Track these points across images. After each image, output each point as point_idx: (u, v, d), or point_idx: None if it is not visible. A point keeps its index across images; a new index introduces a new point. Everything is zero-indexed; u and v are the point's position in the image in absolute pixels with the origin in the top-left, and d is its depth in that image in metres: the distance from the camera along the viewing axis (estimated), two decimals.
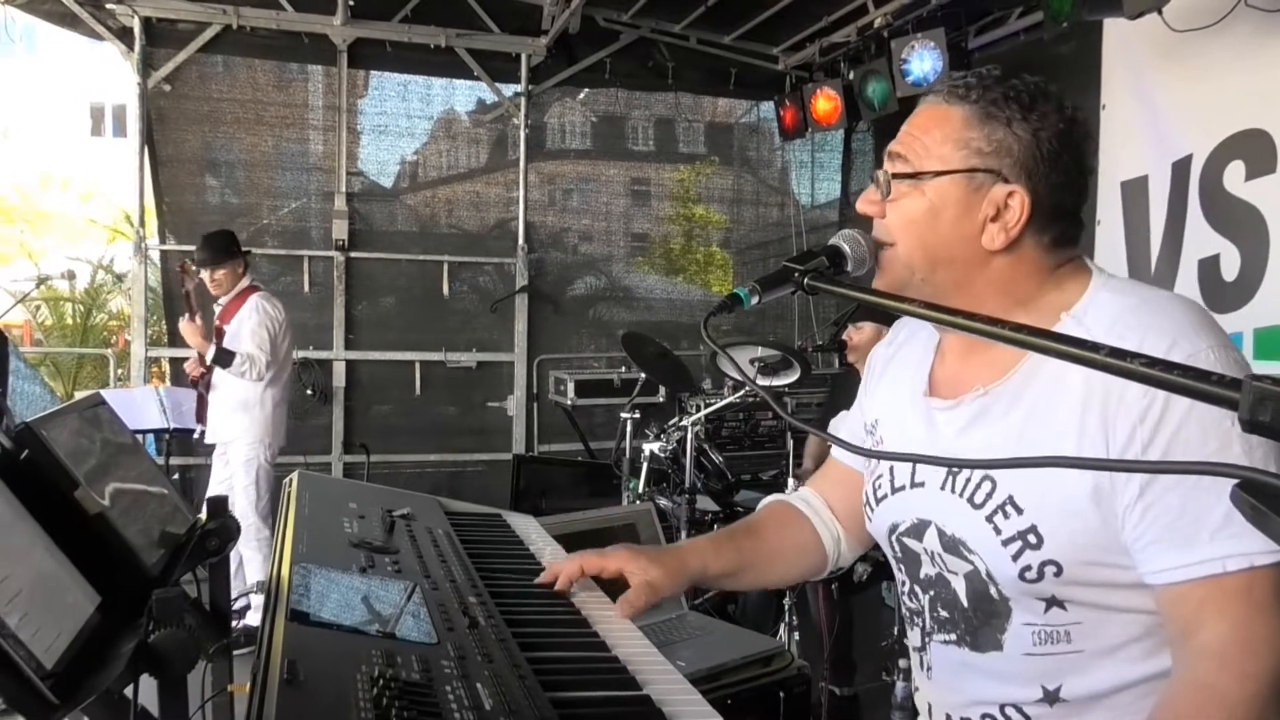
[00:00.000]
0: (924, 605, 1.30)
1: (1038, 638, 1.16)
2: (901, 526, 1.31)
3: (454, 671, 0.95)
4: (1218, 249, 3.80)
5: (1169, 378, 0.62)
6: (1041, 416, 1.14)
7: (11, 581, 0.81)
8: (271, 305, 4.88)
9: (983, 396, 1.21)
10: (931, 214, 1.18)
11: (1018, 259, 1.19)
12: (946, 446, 1.24)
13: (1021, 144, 1.15)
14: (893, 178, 1.20)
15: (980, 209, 1.16)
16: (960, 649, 1.24)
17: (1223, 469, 0.57)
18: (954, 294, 1.20)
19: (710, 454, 4.16)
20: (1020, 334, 0.79)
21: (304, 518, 1.35)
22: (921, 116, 1.22)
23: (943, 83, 1.23)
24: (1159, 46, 3.97)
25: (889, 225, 1.22)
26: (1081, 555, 1.11)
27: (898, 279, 1.22)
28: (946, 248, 1.19)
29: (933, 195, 1.18)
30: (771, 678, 2.37)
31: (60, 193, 20.54)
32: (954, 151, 1.17)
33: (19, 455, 0.97)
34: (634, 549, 1.43)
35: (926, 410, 1.29)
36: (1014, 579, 1.14)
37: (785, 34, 6.53)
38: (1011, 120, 1.15)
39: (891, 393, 1.40)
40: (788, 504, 1.60)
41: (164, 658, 0.84)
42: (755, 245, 7.70)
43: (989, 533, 1.16)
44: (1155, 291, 1.18)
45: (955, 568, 1.22)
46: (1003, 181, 1.15)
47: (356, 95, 6.45)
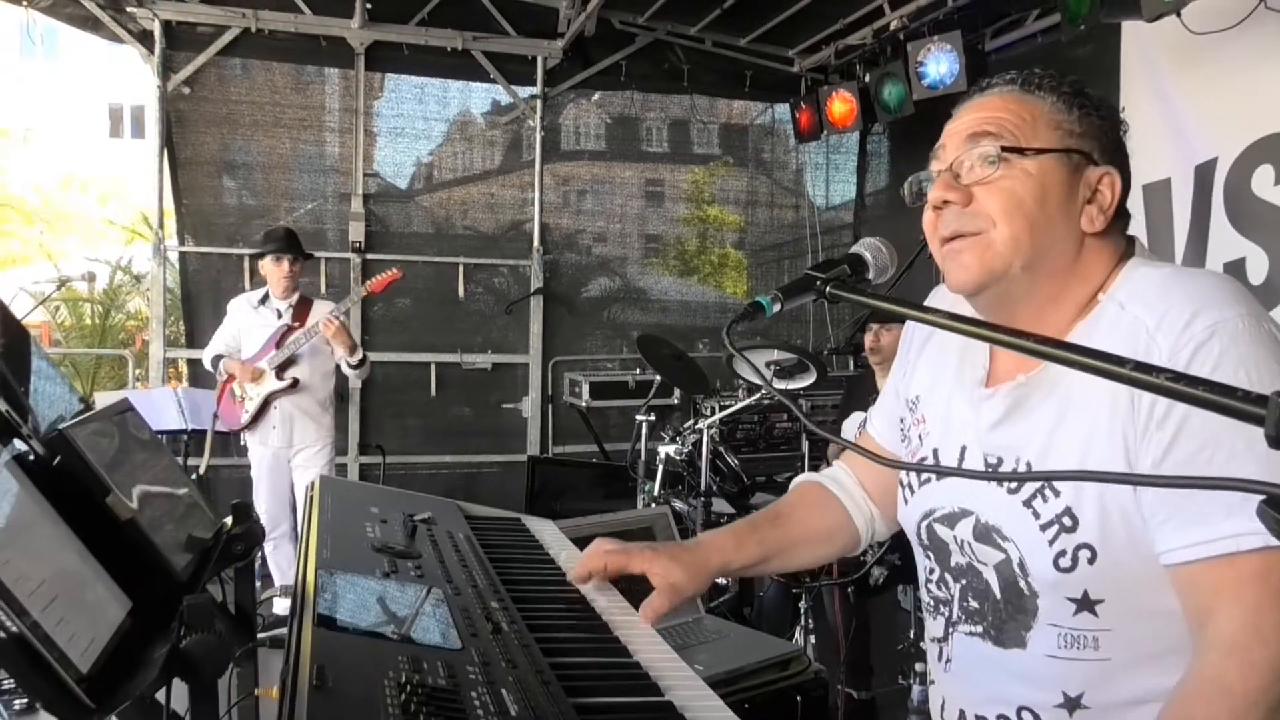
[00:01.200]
0: (954, 594, 1.28)
1: (1063, 641, 1.14)
2: (938, 512, 1.29)
3: (479, 677, 0.96)
4: (1244, 252, 3.78)
5: (1194, 392, 0.63)
6: (1079, 395, 1.12)
7: (47, 586, 0.82)
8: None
9: (1022, 386, 1.18)
10: (1041, 194, 1.14)
11: (1102, 243, 1.18)
12: (986, 437, 1.23)
13: (1105, 130, 1.18)
14: (1004, 151, 1.14)
15: (1079, 191, 1.16)
16: (984, 642, 1.22)
17: (1252, 485, 0.57)
18: (1046, 281, 1.17)
19: (725, 456, 4.16)
20: (1047, 347, 0.79)
21: (327, 522, 1.37)
22: (997, 103, 1.19)
23: (999, 78, 1.22)
24: (1178, 49, 3.95)
25: (985, 209, 1.15)
26: (1115, 537, 1.08)
27: (992, 269, 1.16)
28: (1053, 232, 1.15)
29: (1039, 174, 1.14)
30: (789, 681, 2.38)
31: (80, 194, 20.70)
32: (1051, 132, 1.16)
33: (51, 461, 0.99)
34: (655, 548, 1.42)
35: (979, 399, 1.26)
36: (1048, 568, 1.12)
37: (801, 36, 6.53)
38: (1090, 109, 1.17)
39: (936, 369, 1.37)
40: (819, 485, 1.58)
41: (196, 663, 0.85)
42: (770, 247, 7.70)
43: (1028, 518, 1.14)
44: (1189, 269, 1.17)
45: (985, 558, 1.21)
46: (1093, 165, 1.16)
47: (373, 97, 6.49)
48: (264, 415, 4.83)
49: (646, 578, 1.38)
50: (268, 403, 4.79)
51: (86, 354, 11.53)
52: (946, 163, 1.19)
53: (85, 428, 1.04)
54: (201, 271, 6.12)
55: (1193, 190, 4.02)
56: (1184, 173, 4.07)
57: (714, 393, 5.51)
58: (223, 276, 6.10)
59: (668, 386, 5.99)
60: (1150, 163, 4.30)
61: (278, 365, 4.75)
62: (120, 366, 9.94)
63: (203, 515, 1.26)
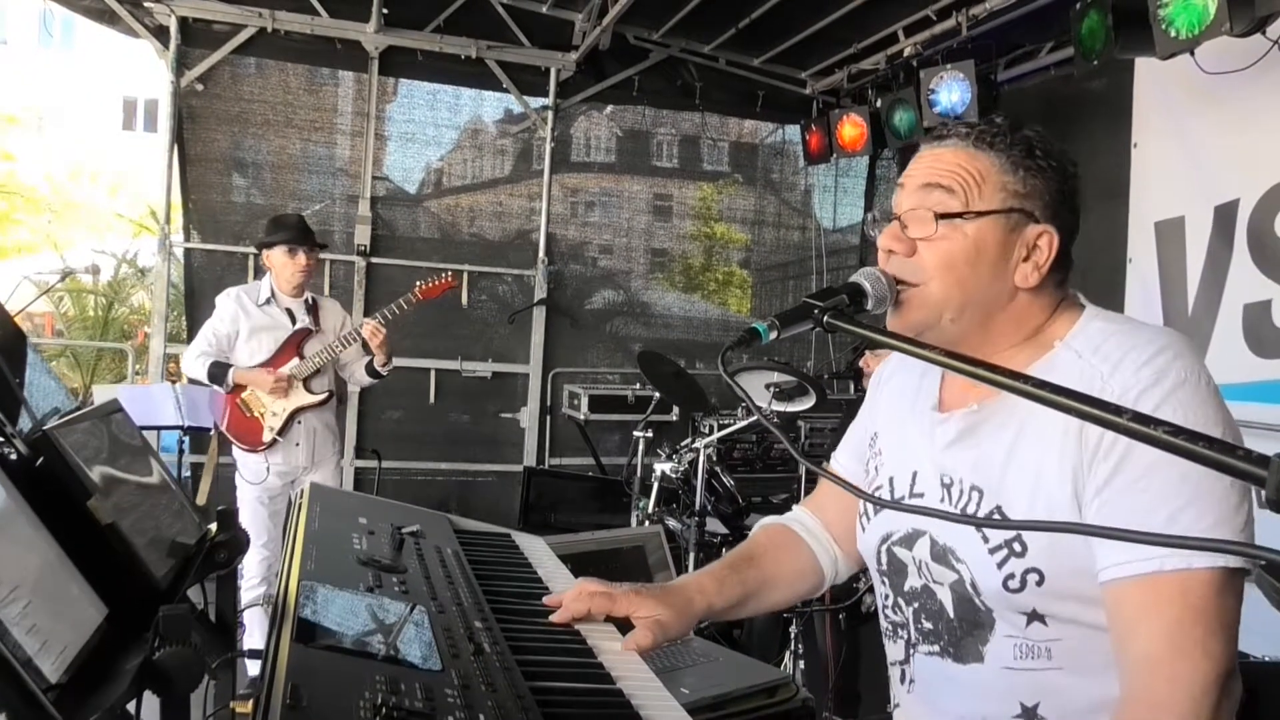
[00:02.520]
0: (908, 617, 1.32)
1: (1019, 651, 1.18)
2: (895, 535, 1.34)
3: (457, 701, 0.94)
4: (1269, 294, 3.77)
5: (1195, 449, 0.61)
6: (1032, 430, 1.18)
7: (21, 591, 0.81)
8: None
9: (975, 413, 1.25)
10: (975, 254, 1.21)
11: (1034, 295, 1.25)
12: (940, 459, 1.28)
13: (1049, 188, 1.23)
14: (940, 217, 1.21)
15: (1016, 250, 1.22)
16: (943, 660, 1.26)
17: (1245, 549, 0.56)
18: (975, 332, 1.25)
19: (721, 476, 4.14)
20: (1043, 390, 0.78)
21: (313, 532, 1.35)
22: (948, 156, 1.24)
23: (952, 129, 1.27)
24: (1191, 88, 3.95)
25: (923, 264, 1.23)
26: (1063, 563, 1.13)
27: (923, 320, 1.24)
28: (982, 288, 1.22)
29: (975, 235, 1.21)
30: (775, 708, 2.35)
31: (89, 184, 20.76)
32: (995, 193, 1.21)
33: (34, 462, 0.98)
34: (640, 589, 1.41)
35: (932, 424, 1.32)
36: (997, 588, 1.17)
37: (814, 59, 6.54)
38: (1034, 164, 1.22)
39: (894, 404, 1.44)
40: (783, 527, 1.61)
41: (169, 676, 0.84)
42: (775, 266, 7.70)
43: (977, 541, 1.20)
44: (1143, 325, 1.22)
45: (941, 577, 1.25)
46: (1034, 222, 1.22)
47: (385, 102, 6.50)
48: (287, 432, 4.26)
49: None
50: (293, 418, 4.24)
51: (88, 346, 11.53)
52: (900, 208, 1.26)
53: (71, 429, 1.03)
54: (206, 268, 6.12)
55: (1211, 230, 4.01)
56: (1200, 211, 4.06)
57: (713, 411, 5.50)
58: (227, 274, 6.08)
59: (667, 403, 5.98)
60: (1164, 200, 4.30)
61: (306, 376, 4.25)
62: (121, 360, 9.94)
63: (188, 521, 1.25)
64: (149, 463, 1.24)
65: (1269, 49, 3.53)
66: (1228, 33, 3.38)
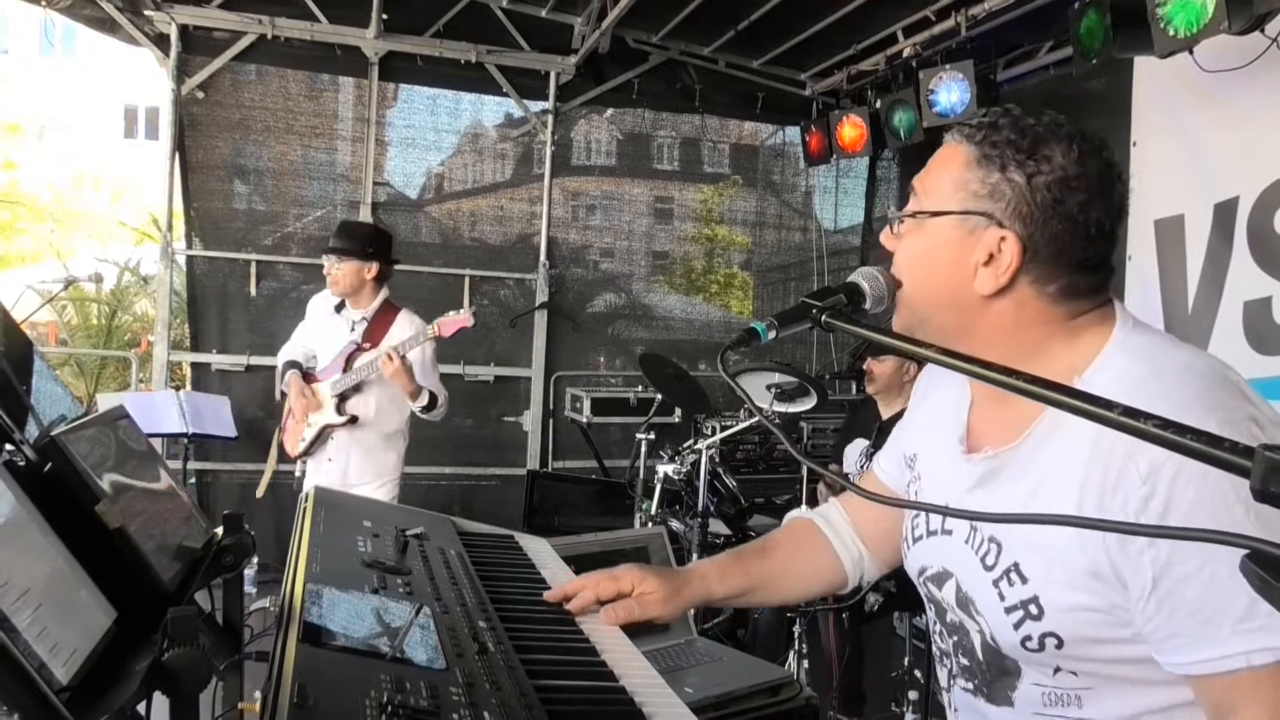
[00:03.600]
0: (950, 648, 1.29)
1: (1048, 699, 1.14)
2: (929, 571, 1.30)
3: (462, 699, 0.95)
4: (1269, 291, 3.77)
5: (1182, 441, 0.62)
6: (1048, 487, 1.10)
7: (31, 596, 0.82)
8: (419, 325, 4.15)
9: (992, 459, 1.18)
10: (928, 254, 1.18)
11: (1019, 307, 1.14)
12: (962, 501, 1.22)
13: (1015, 189, 1.10)
14: (899, 216, 1.22)
15: (974, 252, 1.13)
16: (977, 699, 1.24)
17: (1231, 538, 0.57)
18: (957, 339, 1.16)
19: (724, 477, 4.15)
20: (1035, 386, 0.79)
21: (318, 535, 1.36)
22: (939, 154, 1.22)
23: (958, 128, 1.20)
24: (1191, 86, 3.96)
25: (896, 262, 1.23)
26: (1082, 632, 1.08)
27: (905, 319, 1.23)
28: (940, 290, 1.18)
29: (930, 235, 1.18)
30: (779, 707, 2.37)
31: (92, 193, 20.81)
32: (952, 192, 1.15)
33: (42, 468, 0.99)
34: (643, 566, 1.46)
35: (956, 457, 1.26)
36: (1016, 646, 1.13)
37: (814, 60, 6.55)
38: (1007, 164, 1.11)
39: (930, 425, 1.37)
40: (810, 523, 1.60)
41: (177, 677, 0.85)
42: (776, 268, 7.70)
43: (995, 598, 1.15)
44: (1175, 358, 1.09)
45: (967, 624, 1.22)
46: (996, 225, 1.11)
47: (385, 107, 6.51)
48: (321, 445, 4.18)
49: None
50: (324, 432, 4.16)
51: (91, 354, 11.56)
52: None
53: (78, 434, 1.04)
54: (209, 275, 6.13)
55: (1210, 227, 4.02)
56: (1200, 209, 4.06)
57: (715, 413, 5.51)
58: (230, 281, 6.10)
59: (669, 405, 5.99)
60: (1163, 198, 4.30)
61: (340, 393, 4.10)
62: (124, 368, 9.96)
63: (194, 525, 1.26)
64: (155, 468, 1.26)
65: (1268, 46, 3.53)
66: (1226, 31, 3.38)
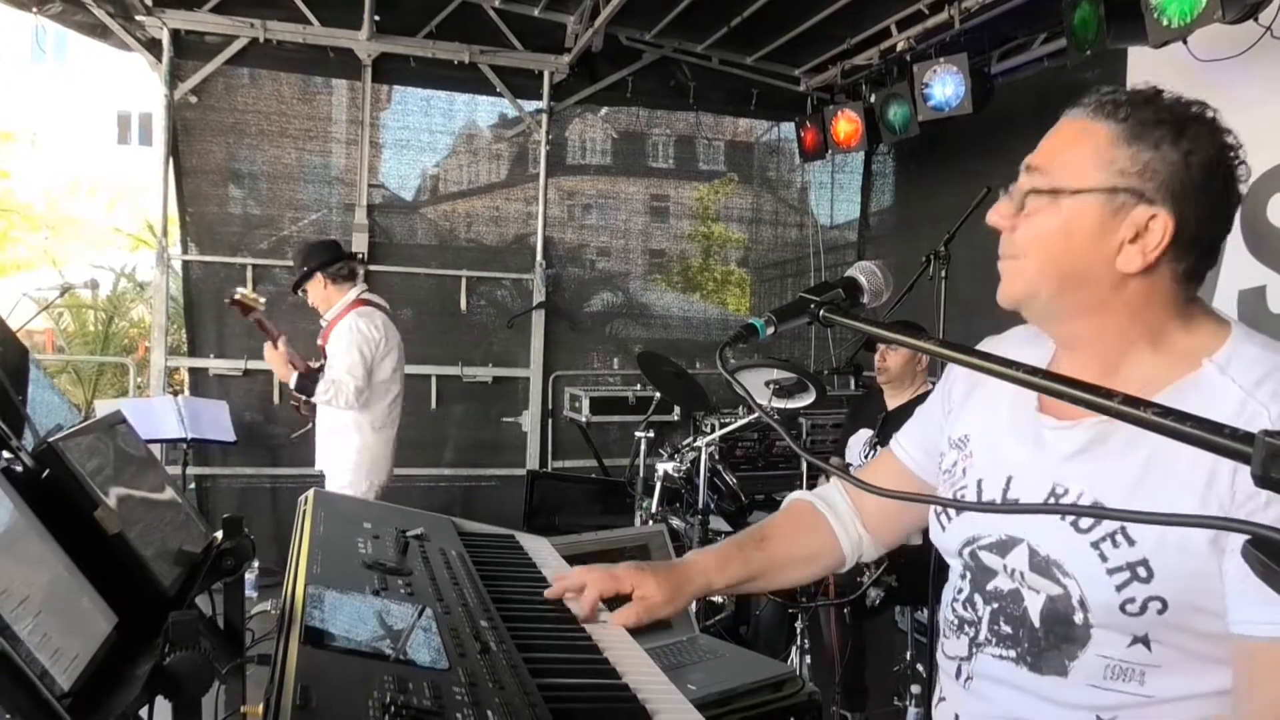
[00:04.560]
0: (982, 616, 1.27)
1: (1110, 672, 1.13)
2: (983, 540, 1.27)
3: (465, 698, 0.95)
4: (1264, 280, 3.77)
5: (1178, 427, 0.62)
6: (1165, 462, 1.09)
7: (32, 603, 0.82)
8: (369, 323, 4.35)
9: (1105, 423, 1.15)
10: (1065, 232, 1.14)
11: (1152, 286, 1.14)
12: (1052, 467, 1.20)
13: (1170, 167, 1.10)
14: (1030, 193, 1.17)
15: (1119, 230, 1.12)
16: (1017, 667, 1.21)
17: (1235, 524, 0.57)
18: (1079, 317, 1.18)
19: (724, 474, 4.15)
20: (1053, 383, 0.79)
21: (319, 537, 1.36)
22: (1064, 130, 1.19)
23: (1090, 97, 1.18)
24: (1185, 76, 3.95)
25: (1019, 240, 1.19)
26: (1191, 598, 1.07)
27: (1018, 294, 1.20)
28: (1075, 267, 1.15)
29: (1068, 213, 1.14)
30: (782, 703, 2.37)
31: (86, 199, 20.77)
32: (1095, 170, 1.13)
33: (40, 474, 0.99)
34: (641, 567, 1.47)
35: (1035, 427, 1.24)
36: (1113, 608, 1.11)
37: (807, 56, 6.55)
38: (1161, 142, 1.10)
39: (989, 408, 1.35)
40: (809, 504, 1.60)
41: (179, 680, 0.85)
42: (773, 264, 7.71)
43: (1094, 559, 1.12)
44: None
45: (1039, 586, 1.19)
46: (1146, 204, 1.11)
47: (379, 109, 6.51)
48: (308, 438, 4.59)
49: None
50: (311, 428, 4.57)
51: (89, 361, 11.54)
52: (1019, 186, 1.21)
53: (75, 440, 1.04)
54: (205, 280, 6.12)
55: None
56: None
57: (714, 410, 5.51)
58: (226, 285, 6.07)
59: (668, 403, 5.99)
60: None
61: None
62: (122, 374, 9.95)
63: (194, 529, 1.26)
64: (154, 473, 1.26)
65: (1261, 35, 3.53)
66: (1220, 20, 3.38)
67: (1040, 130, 1.24)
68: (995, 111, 5.06)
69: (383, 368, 4.39)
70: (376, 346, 4.34)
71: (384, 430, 4.48)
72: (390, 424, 4.52)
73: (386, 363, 4.41)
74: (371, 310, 4.44)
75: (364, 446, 4.42)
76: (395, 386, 4.51)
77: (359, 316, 4.37)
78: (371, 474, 4.44)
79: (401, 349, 4.55)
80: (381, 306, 4.53)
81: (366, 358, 4.30)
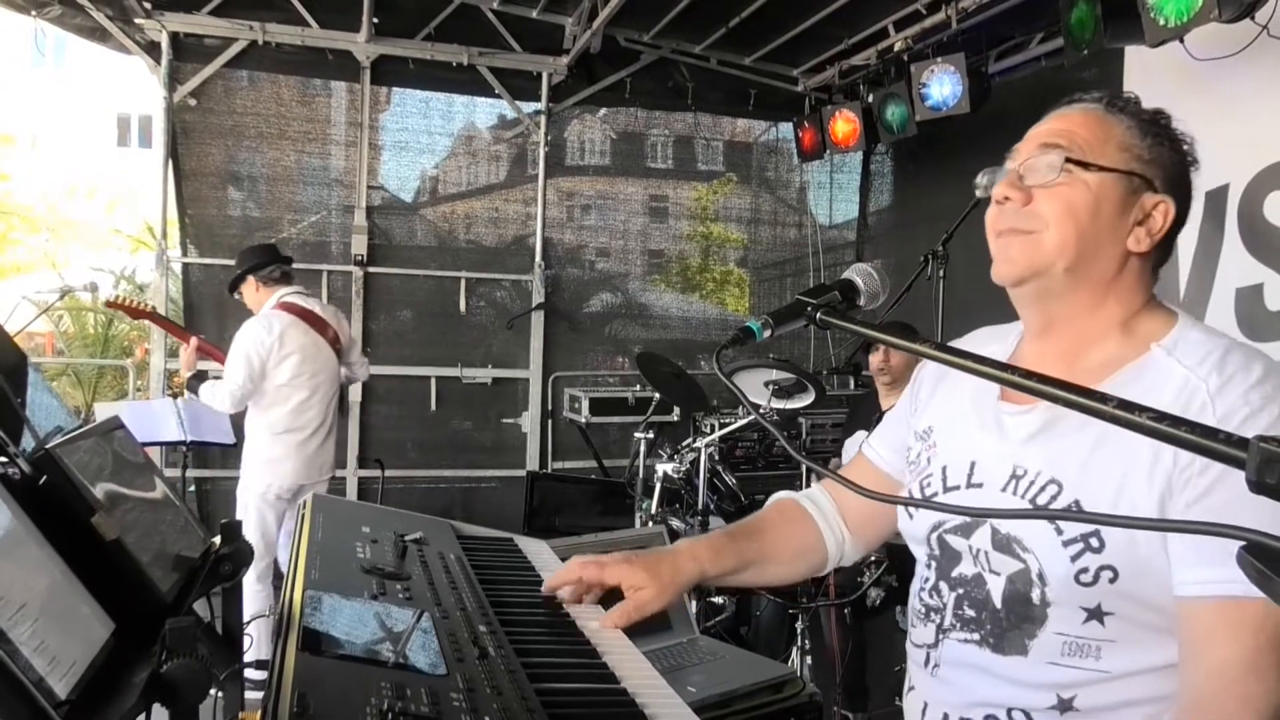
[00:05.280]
0: (947, 602, 1.31)
1: (1067, 649, 1.17)
2: (950, 523, 1.32)
3: (463, 705, 0.95)
4: (1260, 278, 3.77)
5: (1175, 433, 0.62)
6: (1114, 438, 1.14)
7: (29, 609, 0.82)
8: (264, 325, 4.37)
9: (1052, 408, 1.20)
10: (1094, 206, 1.20)
11: (1141, 270, 1.25)
12: (1012, 451, 1.26)
13: (1173, 161, 1.24)
14: (1067, 162, 1.21)
15: (1132, 212, 1.22)
16: (980, 649, 1.25)
17: (1231, 531, 0.57)
18: (1079, 292, 1.24)
19: (724, 475, 4.15)
20: (1030, 380, 0.79)
21: (317, 542, 1.36)
22: (1076, 118, 1.25)
23: (1092, 96, 1.28)
24: (1182, 75, 3.95)
25: (1040, 211, 1.22)
26: (1140, 565, 1.12)
27: (1035, 265, 1.23)
28: (1097, 240, 1.21)
29: (1097, 189, 1.21)
30: (783, 704, 2.37)
31: (86, 202, 20.77)
32: (1119, 153, 1.22)
33: (38, 481, 0.99)
34: (631, 558, 1.46)
35: (996, 414, 1.31)
36: (1068, 579, 1.15)
37: (805, 56, 6.56)
38: (1163, 139, 1.24)
39: (949, 400, 1.42)
40: (795, 503, 1.63)
41: (177, 688, 0.85)
42: (772, 264, 7.71)
43: (1049, 533, 1.17)
44: (1240, 342, 1.20)
45: (1000, 567, 1.23)
46: (1153, 191, 1.22)
47: (379, 111, 6.51)
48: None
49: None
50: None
51: (89, 364, 11.55)
52: (1018, 163, 1.26)
53: (73, 447, 1.04)
54: (205, 283, 6.12)
55: (1202, 215, 4.02)
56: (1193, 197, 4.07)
57: (713, 411, 5.51)
58: (225, 287, 6.09)
59: (667, 403, 5.99)
60: None
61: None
62: (122, 377, 9.96)
63: (191, 534, 1.26)
64: (151, 478, 1.25)
65: (1258, 34, 3.53)
66: (1217, 19, 3.38)
67: None
68: (992, 111, 5.06)
69: (279, 372, 4.36)
70: (267, 350, 4.31)
71: (287, 435, 4.43)
72: (297, 429, 4.45)
73: (284, 367, 4.37)
74: (277, 313, 4.43)
75: (262, 449, 4.42)
76: (301, 392, 4.44)
77: (258, 320, 4.41)
78: (271, 477, 4.41)
79: (314, 355, 4.48)
80: (301, 309, 4.50)
81: (252, 361, 4.28)
